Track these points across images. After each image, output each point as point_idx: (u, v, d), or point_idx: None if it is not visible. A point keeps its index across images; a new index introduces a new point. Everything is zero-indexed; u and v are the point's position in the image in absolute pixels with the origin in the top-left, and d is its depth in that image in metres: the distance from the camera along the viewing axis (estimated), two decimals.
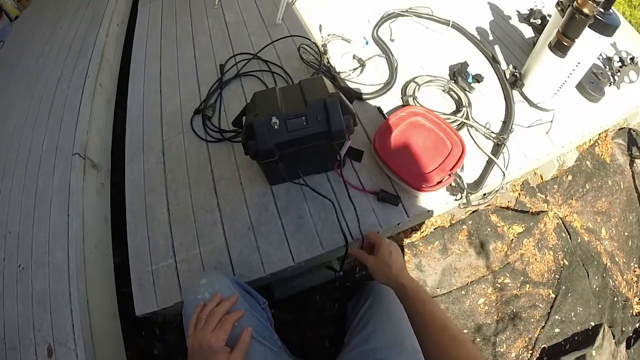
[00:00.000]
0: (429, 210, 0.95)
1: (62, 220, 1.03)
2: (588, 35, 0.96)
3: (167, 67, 1.35)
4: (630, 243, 1.53)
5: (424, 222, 1.18)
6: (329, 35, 1.23)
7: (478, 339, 1.14)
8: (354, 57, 1.19)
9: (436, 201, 0.96)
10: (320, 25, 1.26)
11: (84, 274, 0.98)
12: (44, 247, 1.01)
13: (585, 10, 0.90)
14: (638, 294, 1.49)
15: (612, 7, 0.98)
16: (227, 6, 1.50)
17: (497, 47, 1.33)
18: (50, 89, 1.44)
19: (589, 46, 1.00)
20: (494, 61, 1.25)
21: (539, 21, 1.42)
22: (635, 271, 1.52)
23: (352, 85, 1.15)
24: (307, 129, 0.81)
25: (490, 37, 1.37)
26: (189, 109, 1.18)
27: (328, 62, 1.15)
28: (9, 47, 1.93)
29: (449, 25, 1.33)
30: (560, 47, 1.01)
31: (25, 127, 1.35)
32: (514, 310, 1.19)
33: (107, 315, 1.02)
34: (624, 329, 1.37)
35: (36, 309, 0.92)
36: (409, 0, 1.44)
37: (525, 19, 1.45)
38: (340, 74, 1.13)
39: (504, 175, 1.03)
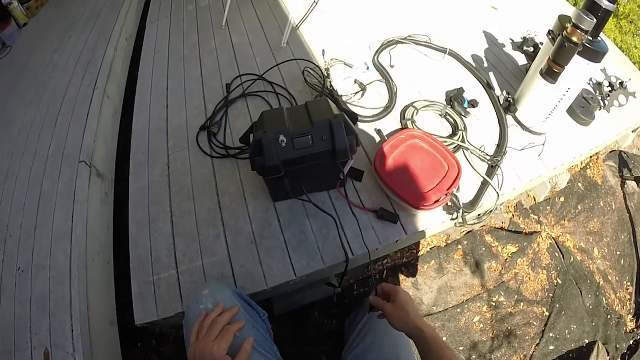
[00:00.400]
0: (426, 229, 0.99)
1: (65, 226, 1.04)
2: (577, 62, 1.01)
3: (174, 83, 1.39)
4: (622, 262, 1.56)
5: (420, 242, 1.21)
6: (331, 59, 1.29)
7: (474, 356, 1.15)
8: (355, 81, 1.24)
9: (433, 220, 0.99)
10: (323, 50, 1.31)
11: (86, 279, 0.98)
12: (46, 251, 1.01)
13: (574, 39, 0.94)
14: (631, 311, 1.52)
15: (602, 34, 1.03)
16: (233, 28, 1.56)
17: (491, 74, 1.39)
18: (58, 97, 1.47)
19: (579, 72, 1.04)
20: (488, 87, 1.30)
21: (531, 49, 1.49)
22: (628, 289, 1.55)
23: (353, 109, 1.20)
24: (313, 147, 0.85)
25: (485, 64, 1.43)
26: (194, 124, 1.21)
27: (331, 85, 1.19)
28: (16, 53, 1.96)
29: (446, 53, 1.39)
30: (550, 74, 1.05)
31: (30, 132, 1.37)
32: (509, 327, 1.21)
33: (106, 322, 1.02)
34: (617, 345, 1.39)
35: (35, 312, 0.92)
36: (408, 28, 1.51)
37: (518, 46, 1.52)
38: (342, 97, 1.18)
39: (498, 195, 1.07)
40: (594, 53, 0.99)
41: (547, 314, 1.28)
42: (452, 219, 1.01)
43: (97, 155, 1.28)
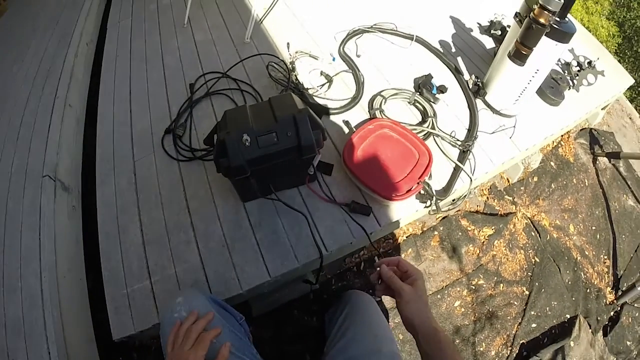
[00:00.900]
0: (400, 219, 0.98)
1: (34, 245, 1.01)
2: (545, 44, 1.01)
3: (136, 86, 1.34)
4: (598, 236, 1.60)
5: (396, 231, 1.21)
6: (296, 52, 1.26)
7: (457, 340, 1.16)
8: (321, 73, 1.22)
9: (407, 209, 0.99)
10: (288, 43, 1.29)
11: (58, 299, 0.95)
12: (16, 273, 0.98)
13: (542, 20, 0.94)
14: (610, 283, 1.56)
15: (569, 15, 1.02)
16: (196, 25, 1.51)
17: (459, 59, 1.39)
18: (19, 110, 1.41)
19: (547, 54, 1.05)
20: (457, 72, 1.30)
21: (499, 32, 1.49)
22: (605, 262, 1.59)
23: (320, 101, 1.18)
24: (278, 144, 0.83)
25: (453, 49, 1.43)
26: (159, 128, 1.17)
27: (296, 79, 1.17)
28: None
29: (412, 40, 1.38)
30: (519, 56, 1.05)
31: None
32: (490, 309, 1.22)
33: (83, 340, 0.99)
34: (599, 318, 1.43)
35: (10, 337, 0.89)
36: (374, 17, 1.49)
37: (485, 30, 1.52)
38: (309, 90, 1.15)
39: (471, 180, 1.07)
40: (562, 34, 0.99)
41: (527, 293, 1.30)
42: (425, 207, 1.00)
43: (62, 168, 1.24)
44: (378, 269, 0.66)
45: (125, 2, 1.86)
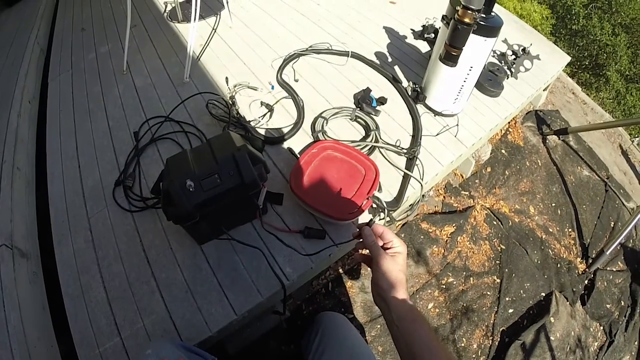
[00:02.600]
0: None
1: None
2: (474, 41, 1.04)
3: (82, 140, 1.32)
4: (559, 212, 1.66)
5: None
6: (235, 86, 1.27)
7: None
8: (261, 103, 1.24)
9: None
10: (226, 78, 1.30)
11: None
12: None
13: (467, 20, 0.96)
14: (579, 254, 1.63)
15: (499, 6, 1.05)
16: (135, 70, 1.50)
17: (397, 67, 1.44)
18: None
19: (477, 50, 1.08)
20: (395, 81, 1.35)
21: (432, 35, 1.55)
22: (570, 235, 1.66)
23: (263, 132, 1.19)
24: (222, 185, 0.84)
25: (390, 59, 1.47)
26: (109, 181, 1.16)
27: (237, 113, 1.18)
28: None
29: (348, 56, 1.42)
30: (450, 58, 1.08)
31: None
32: (465, 304, 1.25)
33: None
34: (574, 289, 1.48)
35: None
36: (309, 39, 1.53)
37: (419, 35, 1.58)
38: (251, 123, 1.17)
39: (422, 185, 1.10)
40: (489, 29, 1.02)
41: (498, 281, 1.34)
42: (380, 220, 1.03)
43: (17, 234, 1.20)
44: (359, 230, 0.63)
45: (64, 53, 1.84)
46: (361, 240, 0.65)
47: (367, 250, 0.63)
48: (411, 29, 1.60)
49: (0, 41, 2.34)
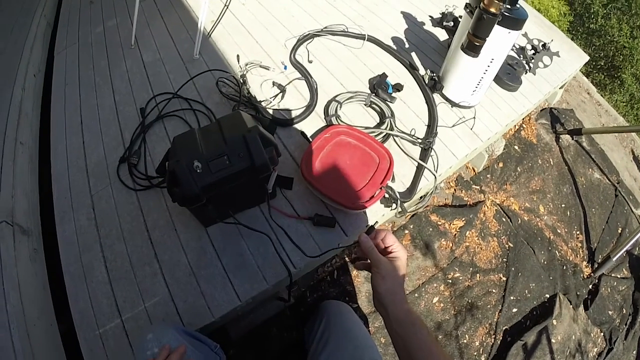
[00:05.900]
0: (367, 225, 0.97)
1: None
2: (498, 33, 1.00)
3: (87, 116, 1.29)
4: (568, 213, 1.64)
5: None
6: (246, 65, 1.23)
7: (440, 336, 1.17)
8: (273, 83, 1.19)
9: (373, 215, 0.98)
10: (238, 56, 1.25)
11: (31, 350, 0.90)
12: None
13: (493, 10, 0.93)
14: (585, 258, 1.60)
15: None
16: (143, 45, 1.46)
17: (413, 54, 1.39)
18: None
19: (501, 42, 1.04)
20: (412, 68, 1.30)
21: (451, 23, 1.50)
22: (578, 237, 1.64)
23: (275, 113, 1.16)
24: (231, 167, 0.81)
25: (407, 45, 1.42)
26: (114, 158, 1.13)
27: (248, 93, 1.14)
28: None
29: (364, 39, 1.37)
30: (472, 48, 1.05)
31: None
32: (469, 301, 1.23)
33: None
34: (578, 293, 1.46)
35: None
36: (324, 20, 1.47)
37: (438, 23, 1.52)
38: (262, 103, 1.13)
39: (435, 177, 1.07)
40: (514, 21, 0.99)
41: (504, 279, 1.32)
42: (391, 210, 1.00)
43: (19, 211, 1.17)
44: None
45: (71, 27, 1.79)
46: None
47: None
48: (429, 16, 1.54)
49: (6, 14, 2.29)
